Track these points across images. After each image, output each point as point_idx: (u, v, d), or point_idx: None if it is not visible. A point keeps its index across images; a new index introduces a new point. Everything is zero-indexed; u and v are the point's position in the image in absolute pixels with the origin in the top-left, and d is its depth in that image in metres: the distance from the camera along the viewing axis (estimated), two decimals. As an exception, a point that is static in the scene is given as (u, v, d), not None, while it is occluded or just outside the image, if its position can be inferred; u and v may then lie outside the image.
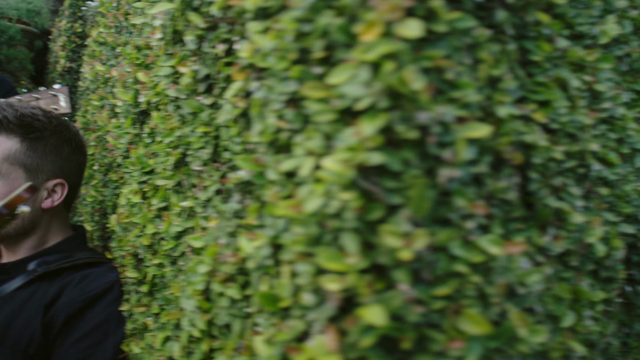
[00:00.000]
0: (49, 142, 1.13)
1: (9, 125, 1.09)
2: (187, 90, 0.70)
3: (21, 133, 1.10)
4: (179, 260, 0.76)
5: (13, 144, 1.09)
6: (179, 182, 0.77)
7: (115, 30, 1.36)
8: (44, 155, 1.11)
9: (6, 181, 1.06)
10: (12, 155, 1.08)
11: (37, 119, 1.12)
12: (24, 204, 0.95)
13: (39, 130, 1.11)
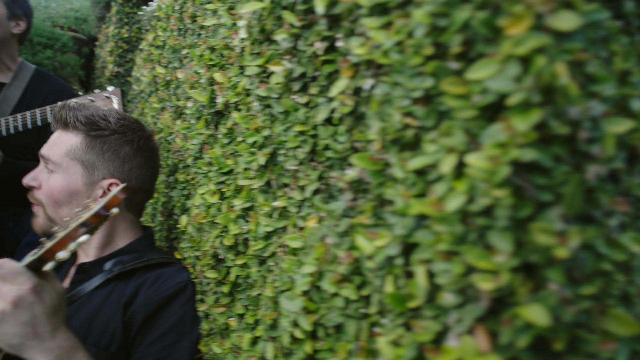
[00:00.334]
0: (107, 140, 1.16)
1: (76, 123, 1.15)
2: (280, 89, 0.71)
3: (84, 130, 1.15)
4: (268, 260, 0.77)
5: (76, 140, 1.15)
6: (267, 181, 0.78)
7: (178, 33, 1.40)
8: (101, 153, 1.15)
9: (65, 175, 1.13)
10: (73, 151, 1.14)
11: (104, 119, 1.16)
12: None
13: (101, 129, 1.15)
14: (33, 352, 0.82)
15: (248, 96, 0.88)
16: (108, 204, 0.79)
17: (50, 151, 1.14)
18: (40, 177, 1.15)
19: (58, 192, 1.13)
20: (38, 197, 1.14)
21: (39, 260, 0.83)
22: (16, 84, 2.03)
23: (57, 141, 1.16)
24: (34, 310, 0.82)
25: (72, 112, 1.15)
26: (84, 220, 0.78)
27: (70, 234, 0.80)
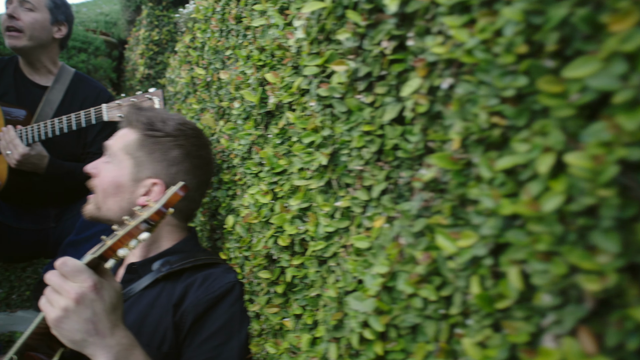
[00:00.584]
0: (159, 141, 1.20)
1: (136, 122, 1.22)
2: (343, 89, 0.72)
3: (141, 129, 1.21)
4: (329, 261, 0.77)
5: (133, 137, 1.21)
6: (327, 182, 0.79)
7: (220, 35, 1.42)
8: (151, 152, 1.19)
9: (117, 167, 1.20)
10: (128, 146, 1.20)
11: (162, 122, 1.21)
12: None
13: (156, 130, 1.20)
14: (94, 349, 0.85)
15: (303, 96, 0.89)
16: (169, 201, 0.81)
17: (112, 142, 1.22)
18: (99, 166, 1.22)
19: (108, 182, 1.19)
20: (94, 184, 1.22)
21: (99, 258, 0.85)
22: (57, 87, 2.10)
23: (121, 135, 1.23)
24: (95, 307, 0.85)
25: (137, 111, 1.22)
26: (145, 217, 0.81)
27: (131, 232, 0.83)
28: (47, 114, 2.03)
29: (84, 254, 2.08)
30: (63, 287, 0.85)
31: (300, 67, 0.89)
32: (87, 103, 2.14)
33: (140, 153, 1.19)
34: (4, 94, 2.02)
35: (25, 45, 1.97)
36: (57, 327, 0.84)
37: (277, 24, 0.96)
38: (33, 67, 2.07)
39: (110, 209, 1.20)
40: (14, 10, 1.94)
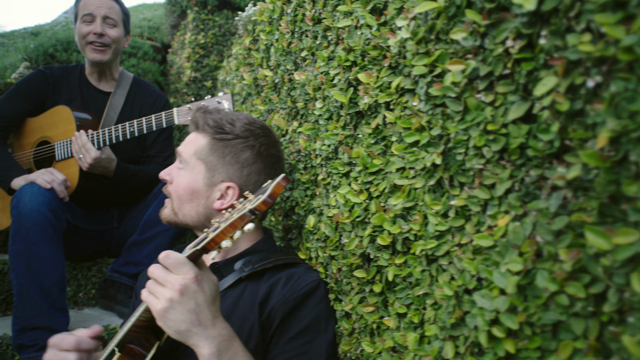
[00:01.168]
0: (229, 144, 1.22)
1: (204, 126, 1.25)
2: (460, 88, 0.73)
3: (211, 133, 1.23)
4: (440, 259, 0.79)
5: (203, 142, 1.24)
6: (437, 180, 0.80)
7: (292, 36, 1.45)
8: (222, 156, 1.22)
9: (190, 173, 1.23)
10: (199, 151, 1.23)
11: (230, 123, 1.24)
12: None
13: (225, 133, 1.22)
14: (198, 339, 0.88)
15: (402, 96, 0.90)
16: (273, 192, 0.83)
17: (183, 148, 1.26)
18: (173, 172, 1.27)
19: (182, 188, 1.23)
20: (169, 189, 1.27)
21: (202, 250, 0.89)
22: (119, 92, 2.18)
23: (191, 141, 1.26)
24: (197, 298, 0.89)
25: (204, 115, 1.24)
26: (251, 207, 0.83)
27: (234, 224, 0.85)
28: (112, 118, 2.12)
29: (147, 254, 2.15)
30: (167, 279, 0.89)
31: (399, 66, 0.90)
32: (146, 107, 2.23)
33: (212, 157, 1.22)
34: (71, 99, 2.11)
35: (109, 58, 2.09)
36: (162, 317, 0.88)
37: (370, 25, 0.98)
38: (101, 75, 2.17)
39: (187, 215, 1.24)
40: (102, 27, 2.04)
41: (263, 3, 1.84)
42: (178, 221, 1.27)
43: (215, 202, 1.23)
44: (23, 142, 2.09)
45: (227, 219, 0.87)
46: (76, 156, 1.87)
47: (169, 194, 1.27)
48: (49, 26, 4.98)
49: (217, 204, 1.23)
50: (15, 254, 1.61)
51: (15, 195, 1.68)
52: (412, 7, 0.83)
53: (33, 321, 1.55)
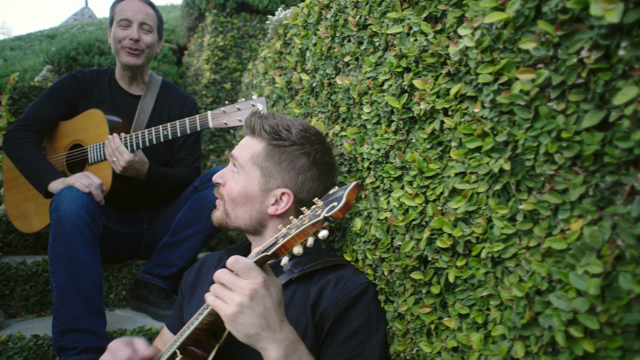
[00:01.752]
0: (286, 151, 1.25)
1: (260, 131, 1.27)
2: (530, 97, 0.76)
3: (267, 139, 1.26)
4: (506, 262, 0.82)
5: (259, 147, 1.27)
6: (503, 185, 0.83)
7: (332, 41, 1.48)
8: (279, 162, 1.25)
9: (245, 178, 1.26)
10: (255, 156, 1.26)
11: (286, 129, 1.26)
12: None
13: (282, 139, 1.25)
14: (266, 342, 0.91)
15: (462, 102, 0.93)
16: (348, 199, 0.85)
17: (239, 153, 1.28)
18: (226, 175, 1.30)
19: (237, 192, 1.26)
20: (221, 192, 1.30)
21: (272, 255, 0.91)
22: (149, 95, 2.22)
23: (246, 145, 1.29)
24: (266, 302, 0.92)
25: (260, 120, 1.26)
26: (327, 215, 0.84)
27: (306, 230, 0.87)
28: (142, 121, 2.16)
29: (179, 255, 2.18)
30: (236, 283, 0.91)
31: (458, 73, 0.93)
32: (174, 110, 2.27)
33: (268, 163, 1.25)
34: (101, 103, 2.16)
35: (143, 62, 2.13)
36: (232, 322, 0.90)
37: (426, 32, 1.02)
38: (133, 79, 2.21)
39: (239, 218, 1.27)
40: (137, 33, 2.08)
41: (296, 7, 1.88)
42: (230, 223, 1.30)
43: (269, 208, 1.26)
44: (56, 145, 2.14)
45: (298, 226, 0.89)
46: (109, 159, 1.91)
47: (222, 196, 1.31)
48: (65, 29, 5.03)
49: (271, 209, 1.26)
50: (55, 257, 1.65)
51: (55, 199, 1.71)
52: (475, 16, 0.86)
53: (73, 323, 1.59)
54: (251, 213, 1.26)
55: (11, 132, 2.00)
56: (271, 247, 0.91)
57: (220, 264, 1.41)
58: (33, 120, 2.03)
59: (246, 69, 3.16)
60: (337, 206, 0.84)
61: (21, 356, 1.61)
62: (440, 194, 0.98)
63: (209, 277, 1.40)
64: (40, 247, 2.48)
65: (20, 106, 3.00)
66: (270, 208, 1.26)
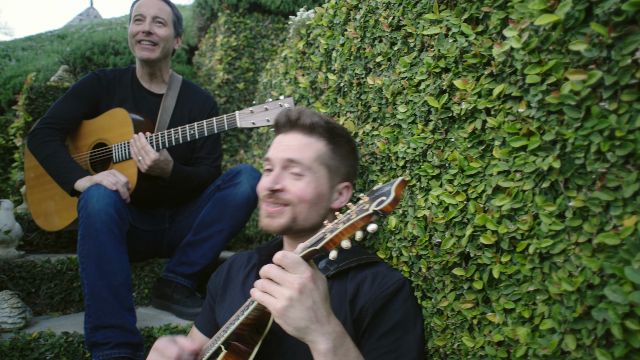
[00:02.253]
0: (344, 148, 1.32)
1: (319, 130, 1.29)
2: (580, 97, 0.78)
3: (328, 137, 1.30)
4: (554, 257, 0.84)
5: (322, 146, 1.29)
6: (550, 183, 0.85)
7: (361, 41, 1.51)
8: (341, 159, 1.31)
9: (314, 178, 1.27)
10: (321, 156, 1.28)
11: (338, 127, 1.32)
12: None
13: (340, 137, 1.30)
14: (315, 335, 0.93)
15: (505, 102, 0.96)
16: (397, 193, 0.86)
17: (301, 155, 1.26)
18: (282, 180, 1.26)
19: (310, 194, 1.25)
20: (286, 198, 1.25)
21: (321, 250, 0.93)
22: (171, 94, 2.25)
23: (305, 145, 1.28)
24: (314, 296, 0.94)
25: (311, 118, 1.29)
26: (377, 209, 0.86)
27: (354, 225, 0.89)
28: (165, 120, 2.19)
29: (202, 254, 2.20)
30: (285, 278, 0.93)
31: (502, 74, 0.96)
32: (195, 109, 2.29)
33: (334, 161, 1.30)
34: (123, 101, 2.18)
35: (157, 56, 2.15)
36: (282, 316, 0.92)
37: (467, 34, 1.04)
38: (152, 76, 2.24)
39: (309, 219, 1.27)
40: (150, 26, 2.11)
41: (320, 8, 1.90)
42: (295, 227, 1.27)
43: (334, 202, 1.32)
44: (78, 144, 2.16)
45: (345, 221, 0.91)
46: (135, 158, 1.94)
47: (287, 202, 1.25)
48: (75, 29, 5.06)
49: (335, 203, 1.32)
50: (85, 254, 1.67)
51: (83, 197, 1.74)
52: (521, 18, 0.89)
53: (105, 320, 1.62)
54: (320, 211, 1.29)
55: (36, 131, 2.02)
56: (319, 241, 0.93)
57: (250, 263, 1.44)
58: (57, 118, 2.06)
59: (264, 69, 3.19)
60: (387, 200, 0.85)
61: (52, 353, 1.63)
62: (481, 192, 1.01)
63: (239, 277, 1.42)
64: (60, 246, 2.51)
65: (37, 106, 3.03)
66: (334, 203, 1.32)
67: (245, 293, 1.35)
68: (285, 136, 1.31)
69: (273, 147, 1.32)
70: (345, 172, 1.33)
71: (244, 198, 2.04)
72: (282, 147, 1.29)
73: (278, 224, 1.26)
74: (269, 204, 1.27)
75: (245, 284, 1.37)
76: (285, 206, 1.25)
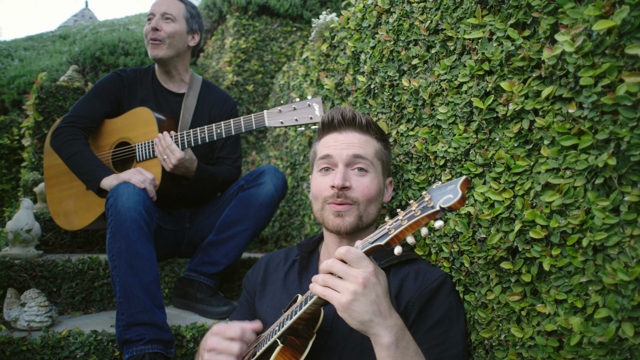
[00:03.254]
0: (388, 144, 1.41)
1: (373, 127, 1.37)
2: (636, 98, 0.84)
3: (379, 134, 1.38)
4: (608, 250, 0.90)
5: (375, 142, 1.37)
6: (604, 179, 0.91)
7: (394, 44, 1.56)
8: (388, 154, 1.39)
9: (375, 174, 1.33)
10: (378, 151, 1.36)
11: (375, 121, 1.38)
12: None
13: (383, 134, 1.38)
14: (379, 328, 0.97)
15: (554, 103, 1.02)
16: (463, 191, 0.90)
17: (365, 150, 1.32)
18: (349, 178, 1.30)
19: (374, 190, 1.31)
20: (354, 196, 1.28)
21: (385, 245, 0.98)
22: (192, 94, 2.28)
23: (365, 142, 1.34)
24: (377, 290, 0.98)
25: (364, 117, 1.35)
26: (445, 206, 0.90)
27: (419, 221, 0.94)
28: (187, 120, 2.22)
29: (225, 253, 2.23)
30: (349, 272, 0.98)
31: (552, 76, 1.02)
32: (215, 109, 2.33)
33: (386, 156, 1.39)
34: (145, 101, 2.21)
35: (165, 54, 2.17)
36: (347, 309, 0.95)
37: (513, 38, 1.10)
38: (169, 75, 2.27)
39: (370, 215, 1.32)
40: (157, 23, 2.15)
41: (346, 11, 1.96)
42: (360, 225, 1.30)
43: (385, 197, 1.39)
44: (100, 143, 2.18)
45: (409, 217, 0.95)
46: (160, 157, 1.96)
47: (355, 201, 1.28)
48: (77, 29, 5.07)
49: (386, 197, 1.40)
50: (116, 252, 1.70)
51: (112, 195, 1.76)
52: (573, 23, 0.95)
53: (138, 317, 1.64)
54: (377, 206, 1.34)
55: (60, 129, 2.05)
56: (382, 237, 0.97)
57: (289, 260, 1.48)
58: (81, 117, 2.08)
59: (280, 71, 3.23)
60: (454, 198, 0.89)
61: (82, 351, 1.65)
62: (528, 188, 1.06)
63: (278, 273, 1.46)
64: (76, 246, 2.52)
65: (47, 105, 3.04)
66: (385, 196, 1.40)
67: (287, 288, 1.39)
68: (341, 134, 1.34)
69: (329, 145, 1.34)
70: (387, 168, 1.40)
71: (267, 198, 2.08)
72: (343, 144, 1.32)
73: (349, 223, 1.28)
74: (337, 202, 1.28)
75: (287, 279, 1.41)
76: (352, 204, 1.28)
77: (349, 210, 1.28)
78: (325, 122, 1.37)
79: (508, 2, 1.12)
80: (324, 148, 1.35)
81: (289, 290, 1.38)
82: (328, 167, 1.33)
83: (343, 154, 1.30)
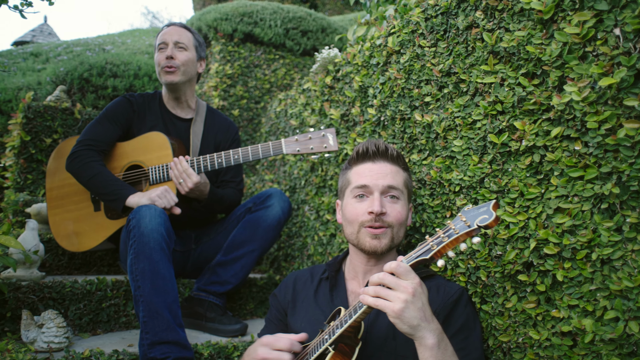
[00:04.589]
0: (410, 173, 1.58)
1: (401, 159, 1.55)
2: (633, 139, 1.07)
3: (405, 165, 1.56)
4: (614, 262, 1.11)
5: (403, 172, 1.55)
6: (608, 204, 1.13)
7: (405, 82, 1.76)
8: (411, 182, 1.56)
9: (404, 201, 1.51)
10: (406, 181, 1.54)
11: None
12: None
13: (407, 164, 1.56)
14: (425, 332, 1.14)
15: (562, 141, 1.24)
16: (496, 213, 1.10)
17: (397, 181, 1.50)
18: (385, 205, 1.48)
19: (404, 215, 1.50)
20: (389, 220, 1.47)
21: (430, 260, 1.15)
22: (199, 119, 2.40)
23: (395, 172, 1.52)
24: (422, 298, 1.15)
25: (394, 149, 1.53)
26: (482, 224, 1.09)
27: (459, 238, 1.12)
28: (196, 145, 2.33)
29: (233, 273, 2.35)
30: (400, 283, 1.14)
31: (560, 119, 1.24)
32: (220, 134, 2.45)
33: (410, 185, 1.56)
34: (154, 126, 2.31)
35: (180, 80, 2.29)
36: (399, 316, 1.11)
37: (524, 85, 1.32)
38: (178, 101, 2.37)
39: (400, 237, 1.50)
40: (171, 51, 2.27)
41: (352, 48, 2.16)
42: (392, 246, 1.49)
43: (408, 220, 1.55)
44: (110, 165, 2.24)
45: (449, 235, 1.13)
46: (176, 181, 2.06)
47: (390, 224, 1.46)
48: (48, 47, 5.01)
49: (409, 221, 1.56)
50: (140, 272, 1.77)
51: (134, 216, 1.84)
52: (579, 77, 1.18)
53: (162, 335, 1.71)
54: (405, 229, 1.53)
55: (77, 152, 2.10)
56: (426, 252, 1.15)
57: (315, 278, 1.62)
58: (95, 140, 2.15)
59: (274, 98, 3.38)
60: (490, 218, 1.09)
61: (105, 369, 1.70)
62: (540, 212, 1.27)
63: (307, 290, 1.60)
64: (73, 267, 2.53)
65: (34, 125, 3.04)
66: (408, 220, 1.56)
67: (319, 304, 1.53)
68: (375, 164, 1.51)
69: (365, 175, 1.50)
70: (412, 195, 1.57)
71: (275, 220, 2.21)
72: (378, 175, 1.49)
73: (385, 244, 1.46)
74: (375, 226, 1.45)
75: (317, 295, 1.56)
76: (387, 228, 1.46)
77: (384, 233, 1.46)
78: (360, 152, 1.53)
79: (519, 55, 1.35)
80: (359, 177, 1.51)
81: (321, 305, 1.52)
82: (363, 195, 1.49)
83: (379, 183, 1.47)
